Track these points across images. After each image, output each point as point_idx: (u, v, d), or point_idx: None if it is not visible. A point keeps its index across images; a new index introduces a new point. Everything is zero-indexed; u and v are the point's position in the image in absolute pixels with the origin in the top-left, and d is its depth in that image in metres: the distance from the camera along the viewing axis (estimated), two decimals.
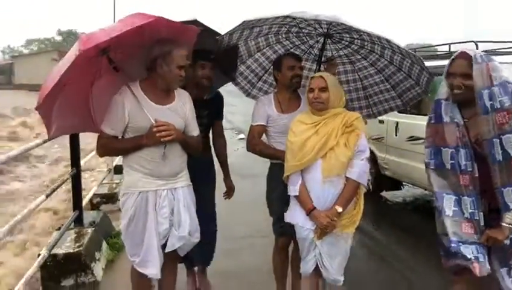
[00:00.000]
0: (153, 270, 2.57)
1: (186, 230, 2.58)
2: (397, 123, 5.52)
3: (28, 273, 2.94)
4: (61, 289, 3.48)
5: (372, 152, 6.21)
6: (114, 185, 5.94)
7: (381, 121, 5.85)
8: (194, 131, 2.68)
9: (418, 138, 4.85)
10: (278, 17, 2.64)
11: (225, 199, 3.48)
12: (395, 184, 6.24)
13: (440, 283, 3.39)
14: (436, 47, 7.95)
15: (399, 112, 5.27)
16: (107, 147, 2.55)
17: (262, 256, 3.36)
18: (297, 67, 2.85)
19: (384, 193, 6.51)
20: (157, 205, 2.53)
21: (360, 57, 3.15)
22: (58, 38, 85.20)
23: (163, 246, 2.61)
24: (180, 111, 2.58)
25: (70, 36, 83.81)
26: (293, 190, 2.61)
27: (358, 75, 3.28)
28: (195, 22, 2.72)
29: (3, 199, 7.60)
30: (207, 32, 2.81)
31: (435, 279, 3.59)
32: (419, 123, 4.61)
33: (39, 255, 3.40)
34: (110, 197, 5.53)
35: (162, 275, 2.70)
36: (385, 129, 5.84)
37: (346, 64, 3.26)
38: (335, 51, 3.18)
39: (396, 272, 3.90)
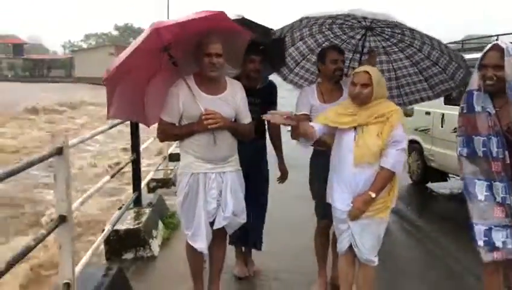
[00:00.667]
0: (201, 244, 2.87)
1: (230, 211, 2.86)
2: (443, 115, 5.55)
3: (93, 246, 3.34)
4: (123, 262, 3.86)
5: (418, 143, 6.26)
6: (169, 172, 6.36)
7: (427, 113, 5.89)
8: (246, 119, 2.93)
9: None
10: (339, 14, 2.84)
11: (279, 182, 3.73)
12: (441, 175, 6.26)
13: (479, 270, 3.48)
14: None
15: (445, 103, 5.34)
16: (165, 132, 2.88)
17: (304, 238, 3.57)
18: (340, 61, 3.03)
19: (430, 185, 6.54)
20: (206, 186, 2.82)
21: (397, 49, 3.29)
22: (115, 32, 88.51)
23: (212, 224, 2.91)
24: (231, 101, 2.85)
25: (126, 30, 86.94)
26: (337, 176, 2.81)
27: (392, 66, 3.43)
28: (243, 20, 2.98)
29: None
30: (255, 27, 3.06)
31: (475, 265, 3.68)
32: None
33: (103, 230, 3.82)
34: (166, 182, 5.95)
35: (211, 250, 3.02)
36: (431, 121, 5.88)
37: (381, 54, 3.41)
38: (373, 42, 3.34)
39: (437, 258, 4.02)
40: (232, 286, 3.47)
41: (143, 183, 4.92)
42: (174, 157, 6.63)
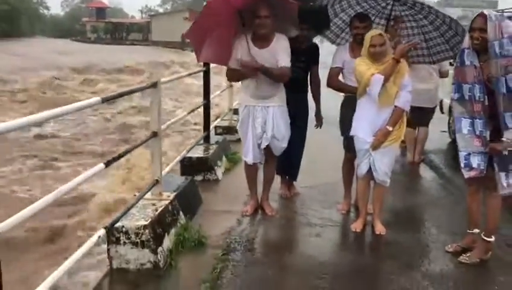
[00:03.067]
0: (249, 157, 3.95)
1: (269, 135, 3.84)
2: None
3: (173, 162, 4.44)
4: (196, 186, 4.95)
5: None
6: (233, 122, 7.38)
7: None
8: (282, 62, 3.71)
9: None
10: None
11: (316, 127, 4.60)
12: None
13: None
14: None
15: None
16: (230, 74, 3.90)
17: (335, 172, 4.43)
18: (361, 28, 3.79)
19: None
20: (254, 116, 3.81)
21: (421, 16, 3.96)
22: None
23: (261, 146, 3.93)
24: (273, 51, 3.73)
25: None
26: (362, 111, 3.65)
27: (421, 30, 4.10)
28: None
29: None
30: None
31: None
32: None
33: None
34: (230, 129, 6.97)
35: (264, 167, 4.11)
36: None
37: (411, 21, 4.09)
38: (402, 12, 4.04)
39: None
40: (278, 201, 4.44)
41: (211, 126, 5.97)
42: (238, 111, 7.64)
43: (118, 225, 3.12)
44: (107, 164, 2.80)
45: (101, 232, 2.84)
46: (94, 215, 6.64)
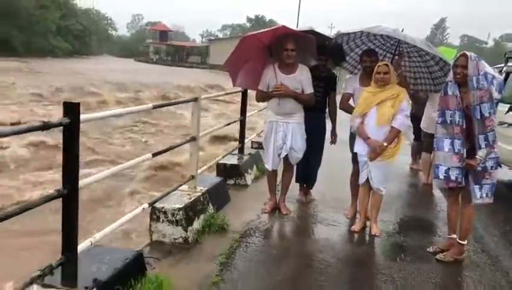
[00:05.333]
0: (269, 165, 4.75)
1: (289, 146, 4.62)
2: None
3: (206, 166, 5.32)
4: (226, 186, 5.80)
5: None
6: None
7: None
8: (307, 90, 4.58)
9: (503, 123, 5.87)
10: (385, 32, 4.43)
11: (331, 143, 5.34)
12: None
13: None
14: None
15: None
16: (259, 96, 4.73)
17: (348, 184, 5.11)
18: (368, 61, 4.54)
19: None
20: (276, 130, 4.62)
21: (424, 52, 4.66)
22: (248, 24, 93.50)
23: (280, 156, 4.72)
24: (298, 78, 4.55)
25: (257, 22, 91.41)
26: (354, 125, 4.38)
27: (425, 63, 4.79)
28: (311, 30, 4.66)
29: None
30: (320, 35, 4.72)
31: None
32: (500, 109, 5.68)
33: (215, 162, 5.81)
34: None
35: (283, 174, 4.86)
36: None
37: (416, 56, 4.80)
38: (407, 48, 4.75)
39: None
40: (294, 204, 5.19)
41: (246, 140, 6.84)
42: None
43: (159, 205, 4.02)
44: (154, 155, 3.72)
45: (145, 205, 3.73)
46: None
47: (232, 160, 6.09)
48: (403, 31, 4.49)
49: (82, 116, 2.49)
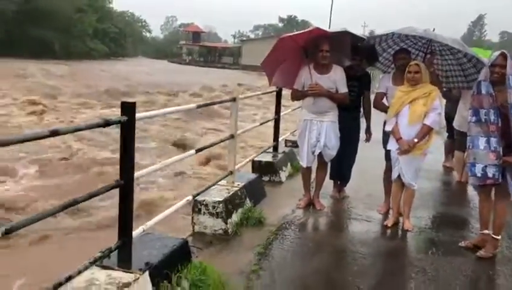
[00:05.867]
0: (303, 162, 4.93)
1: (322, 144, 4.79)
2: None
3: (243, 162, 5.56)
4: (262, 182, 6.02)
5: None
6: None
7: None
8: (342, 89, 4.76)
9: None
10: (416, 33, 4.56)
11: (365, 141, 5.49)
12: None
13: None
14: None
15: None
16: (294, 95, 4.92)
17: (381, 181, 5.24)
18: (401, 59, 4.66)
19: None
20: (310, 128, 4.80)
21: (456, 50, 4.74)
22: (280, 24, 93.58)
23: (314, 153, 4.90)
24: (333, 78, 4.73)
25: (290, 22, 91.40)
26: (389, 127, 4.52)
27: (457, 60, 4.87)
28: (345, 31, 4.82)
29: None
30: (354, 36, 4.87)
31: None
32: None
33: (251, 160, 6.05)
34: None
35: (316, 171, 5.03)
36: None
37: (448, 54, 4.89)
38: (439, 47, 4.84)
39: None
40: (328, 201, 5.35)
41: (281, 138, 7.04)
42: None
43: (200, 198, 4.28)
44: (197, 151, 3.98)
45: (189, 197, 3.99)
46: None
47: (267, 157, 6.31)
48: (434, 30, 4.60)
49: (137, 115, 2.76)
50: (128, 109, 2.73)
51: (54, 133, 2.12)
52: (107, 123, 2.55)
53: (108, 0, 66.46)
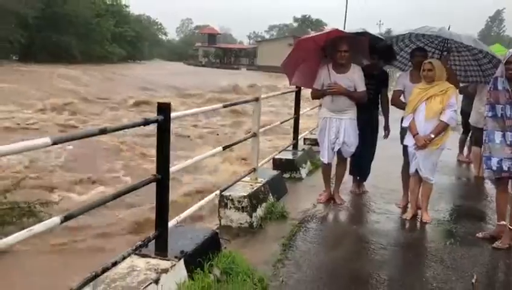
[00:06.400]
0: (324, 158, 5.12)
1: (341, 141, 4.98)
2: None
3: (266, 160, 5.78)
4: (283, 179, 6.23)
5: None
6: None
7: None
8: (359, 88, 4.93)
9: None
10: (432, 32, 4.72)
11: (384, 138, 5.65)
12: None
13: None
14: None
15: None
16: (314, 94, 5.13)
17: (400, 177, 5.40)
18: (419, 56, 4.82)
19: None
20: (330, 125, 4.99)
21: (472, 47, 4.88)
22: (295, 24, 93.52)
23: (334, 150, 5.09)
24: (351, 77, 4.91)
25: (304, 22, 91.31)
26: (406, 122, 4.69)
27: (474, 56, 5.02)
28: (364, 32, 5.01)
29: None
30: (372, 36, 5.05)
31: None
32: None
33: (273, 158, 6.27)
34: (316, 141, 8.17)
35: (336, 167, 5.22)
36: None
37: (465, 51, 5.04)
38: (455, 44, 4.99)
39: None
40: (348, 196, 5.54)
41: (300, 136, 7.25)
42: None
43: (226, 194, 4.51)
44: (224, 148, 4.22)
45: (217, 192, 4.23)
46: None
47: (287, 155, 6.52)
48: (449, 28, 4.75)
49: (172, 114, 3.00)
50: (164, 109, 2.97)
51: (103, 131, 2.37)
52: (146, 122, 2.80)
53: (125, 4, 67.36)
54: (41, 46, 44.73)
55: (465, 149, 7.52)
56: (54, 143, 2.05)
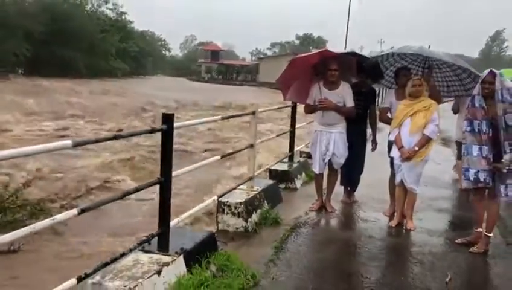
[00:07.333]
0: (316, 169, 5.49)
1: (331, 153, 5.34)
2: None
3: (262, 169, 6.13)
4: (278, 188, 6.57)
5: None
6: None
7: None
8: (349, 103, 5.31)
9: None
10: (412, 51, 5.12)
11: (372, 151, 6.02)
12: None
13: None
14: None
15: None
16: (307, 109, 5.50)
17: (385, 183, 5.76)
18: (402, 76, 5.22)
19: None
20: (320, 138, 5.37)
21: (451, 63, 5.26)
22: (297, 42, 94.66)
23: (325, 161, 5.45)
24: (340, 94, 5.29)
25: (306, 40, 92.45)
26: (392, 137, 5.06)
27: (454, 72, 5.41)
28: (352, 52, 5.41)
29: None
30: (359, 56, 5.46)
31: None
32: None
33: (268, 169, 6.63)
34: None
35: (328, 178, 5.57)
36: None
37: (445, 67, 5.43)
38: (436, 61, 5.38)
39: None
40: (339, 205, 5.87)
41: (296, 149, 7.61)
42: None
43: (223, 200, 4.86)
44: (222, 157, 4.58)
45: (215, 197, 4.58)
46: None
47: (283, 166, 6.88)
48: (429, 47, 5.17)
49: (175, 124, 3.37)
50: (168, 119, 3.34)
51: (116, 137, 2.74)
52: (152, 130, 3.17)
53: (129, 20, 68.60)
54: (46, 61, 45.47)
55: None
56: (75, 145, 2.42)
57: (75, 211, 2.51)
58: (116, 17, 65.15)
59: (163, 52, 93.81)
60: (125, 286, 2.88)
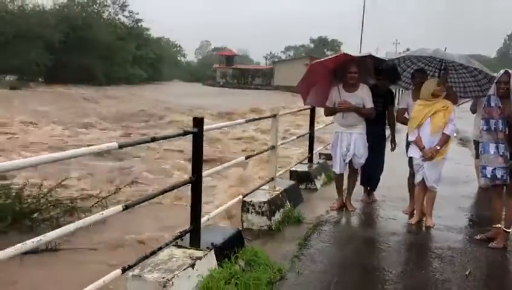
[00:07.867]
0: (336, 169, 5.65)
1: (351, 153, 5.51)
2: None
3: (281, 172, 6.33)
4: (299, 189, 6.74)
5: None
6: None
7: None
8: (368, 105, 5.48)
9: None
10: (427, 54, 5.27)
11: (391, 151, 6.17)
12: None
13: None
14: None
15: None
16: (327, 111, 5.68)
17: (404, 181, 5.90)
18: (419, 77, 5.37)
19: None
20: (341, 139, 5.54)
21: (465, 65, 5.39)
22: (311, 45, 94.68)
23: (345, 161, 5.62)
24: (359, 95, 5.47)
25: (320, 43, 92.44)
26: (412, 137, 5.20)
27: (470, 73, 5.53)
28: (369, 55, 5.58)
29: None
30: (377, 59, 5.63)
31: None
32: None
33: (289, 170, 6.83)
34: (330, 156, 8.69)
35: (348, 178, 5.74)
36: None
37: (462, 68, 5.56)
38: (452, 63, 5.50)
39: None
40: (359, 204, 6.03)
41: (315, 151, 7.79)
42: None
43: (248, 199, 5.07)
44: (247, 158, 4.80)
45: (241, 197, 4.79)
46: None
47: (303, 168, 7.07)
48: (445, 49, 5.29)
49: (205, 127, 3.59)
50: (198, 122, 3.57)
51: (153, 139, 2.98)
52: (185, 133, 3.40)
53: (145, 27, 69.56)
54: (65, 69, 46.51)
55: None
56: (120, 147, 2.65)
57: (119, 207, 2.75)
58: (133, 25, 66.15)
59: (179, 58, 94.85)
60: (163, 278, 3.10)
